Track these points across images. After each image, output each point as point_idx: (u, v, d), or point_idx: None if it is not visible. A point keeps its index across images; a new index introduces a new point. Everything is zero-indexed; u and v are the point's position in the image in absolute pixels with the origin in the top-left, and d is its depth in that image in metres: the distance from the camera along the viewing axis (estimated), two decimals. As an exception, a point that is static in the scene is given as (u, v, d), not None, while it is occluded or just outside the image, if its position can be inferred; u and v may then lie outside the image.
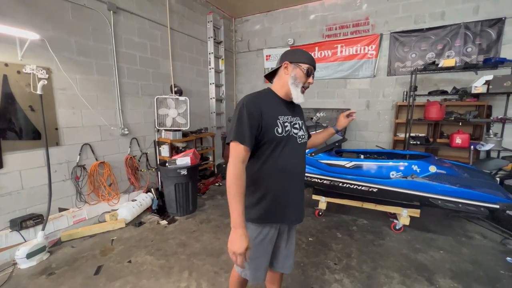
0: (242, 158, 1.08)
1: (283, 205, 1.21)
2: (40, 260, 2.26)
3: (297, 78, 1.18)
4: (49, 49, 2.47)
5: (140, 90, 3.51)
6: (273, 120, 1.14)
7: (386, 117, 4.36)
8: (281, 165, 1.17)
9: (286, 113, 1.21)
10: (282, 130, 1.15)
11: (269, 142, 1.13)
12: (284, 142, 1.16)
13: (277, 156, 1.15)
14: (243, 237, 1.02)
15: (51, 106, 2.57)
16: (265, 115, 1.12)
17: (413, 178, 2.45)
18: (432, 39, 3.86)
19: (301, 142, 1.25)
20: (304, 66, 1.18)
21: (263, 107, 1.13)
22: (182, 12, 4.14)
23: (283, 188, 1.20)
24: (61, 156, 2.69)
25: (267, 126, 1.12)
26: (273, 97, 1.23)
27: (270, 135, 1.12)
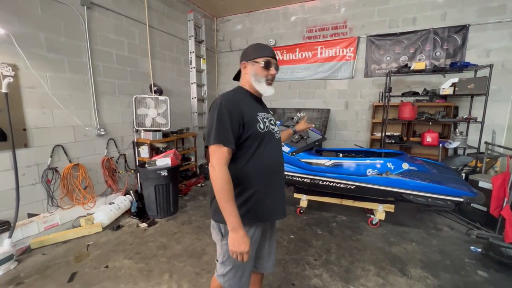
0: (226, 160, 1.05)
1: (270, 202, 1.20)
2: (7, 270, 2.12)
3: (257, 74, 1.17)
4: (15, 44, 2.32)
5: (117, 89, 3.39)
6: (254, 116, 1.14)
7: (363, 117, 4.54)
8: (266, 162, 1.16)
9: (261, 110, 1.22)
10: (264, 126, 1.15)
11: (253, 139, 1.12)
12: (267, 138, 1.16)
13: (262, 153, 1.14)
14: (245, 238, 1.03)
15: (18, 106, 2.41)
16: (245, 112, 1.10)
17: (387, 175, 2.57)
18: (405, 43, 4.08)
19: (278, 137, 1.27)
20: (260, 60, 1.16)
21: (242, 104, 1.12)
22: (161, 9, 4.05)
23: (269, 184, 1.19)
24: (30, 158, 2.54)
25: (250, 123, 1.10)
26: (247, 94, 1.22)
27: (254, 132, 1.11)
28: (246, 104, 1.14)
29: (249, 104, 1.17)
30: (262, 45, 1.22)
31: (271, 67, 1.18)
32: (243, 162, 1.12)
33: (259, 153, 1.14)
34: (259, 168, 1.15)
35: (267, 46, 1.21)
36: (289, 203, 3.57)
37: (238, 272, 1.20)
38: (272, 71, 1.19)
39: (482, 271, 2.12)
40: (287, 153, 3.02)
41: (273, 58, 1.19)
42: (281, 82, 5.06)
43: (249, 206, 1.14)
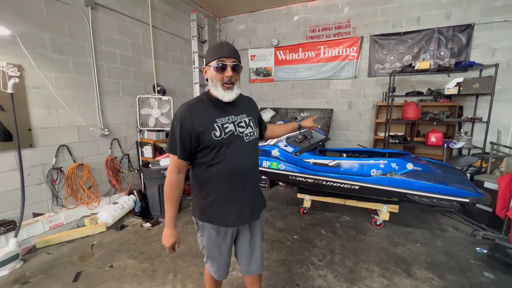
0: (176, 169, 1.15)
1: (235, 207, 1.20)
2: (13, 269, 2.14)
3: (213, 79, 1.12)
4: (20, 45, 2.33)
5: (121, 89, 3.40)
6: (209, 124, 1.10)
7: (367, 117, 4.52)
8: (227, 167, 1.14)
9: (226, 114, 1.16)
10: (221, 132, 1.11)
11: (209, 147, 1.11)
12: (226, 144, 1.12)
13: (221, 159, 1.13)
14: (170, 236, 1.19)
15: (23, 106, 2.43)
16: (197, 123, 1.08)
17: (392, 175, 2.56)
18: (409, 42, 4.05)
19: (249, 139, 1.20)
20: (212, 64, 1.09)
21: (195, 115, 1.10)
22: (164, 10, 4.05)
23: (233, 189, 1.18)
24: (36, 158, 2.55)
25: (203, 132, 1.09)
26: (208, 101, 1.17)
27: (208, 140, 1.09)
28: (201, 113, 1.12)
29: (207, 112, 1.13)
30: (217, 46, 1.13)
31: (226, 68, 1.09)
32: (202, 168, 1.17)
33: (218, 159, 1.13)
34: (219, 174, 1.15)
35: (222, 46, 1.11)
36: (293, 203, 3.57)
37: (214, 263, 1.31)
38: (227, 72, 1.09)
39: (488, 273, 2.10)
40: (290, 153, 3.01)
41: (228, 57, 1.09)
42: (284, 82, 5.06)
43: (214, 209, 1.20)
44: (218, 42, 1.19)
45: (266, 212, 3.28)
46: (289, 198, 3.82)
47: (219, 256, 1.28)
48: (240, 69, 1.15)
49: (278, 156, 3.06)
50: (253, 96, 5.48)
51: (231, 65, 1.09)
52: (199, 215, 1.24)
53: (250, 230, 1.32)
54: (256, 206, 1.29)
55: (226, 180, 1.16)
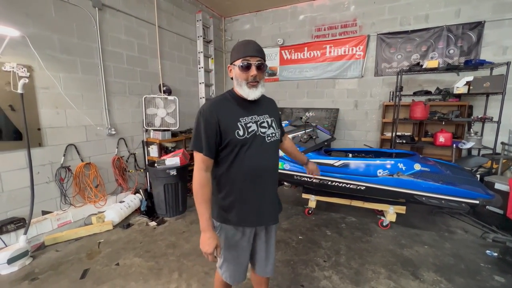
0: (204, 167, 1.12)
1: (255, 208, 1.20)
2: (23, 265, 2.18)
3: (238, 78, 1.12)
4: (30, 46, 2.38)
5: (127, 89, 3.44)
6: (233, 123, 1.11)
7: (373, 117, 4.46)
8: (248, 167, 1.14)
9: (250, 113, 1.17)
10: (244, 132, 1.12)
11: (231, 146, 1.11)
12: (248, 143, 1.13)
13: (242, 159, 1.13)
14: (211, 240, 1.10)
15: (33, 106, 2.48)
16: (223, 120, 1.09)
17: (399, 176, 2.52)
18: (417, 41, 3.98)
19: (270, 140, 1.20)
20: (237, 63, 1.10)
21: (220, 112, 1.10)
22: (170, 10, 4.08)
23: (253, 190, 1.18)
24: (44, 157, 2.60)
25: (227, 131, 1.10)
26: (232, 99, 1.17)
27: (231, 139, 1.10)
28: (226, 111, 1.13)
29: (231, 110, 1.14)
30: (242, 44, 1.13)
31: (251, 67, 1.09)
32: (224, 167, 1.16)
33: (239, 159, 1.13)
34: (240, 174, 1.15)
35: (247, 44, 1.12)
36: (297, 203, 3.55)
37: (230, 266, 1.26)
38: (252, 72, 1.09)
39: (498, 276, 2.04)
40: (296, 153, 2.99)
41: (253, 56, 1.09)
42: (289, 81, 5.03)
43: (233, 210, 1.19)
44: (243, 41, 1.15)
45: (271, 212, 3.26)
46: (294, 198, 3.81)
47: (237, 258, 1.26)
48: (265, 68, 1.15)
49: (283, 156, 3.04)
50: (258, 96, 5.49)
51: (256, 64, 1.09)
52: (216, 215, 1.22)
53: (266, 232, 1.31)
54: (275, 208, 1.29)
55: (246, 180, 1.16)
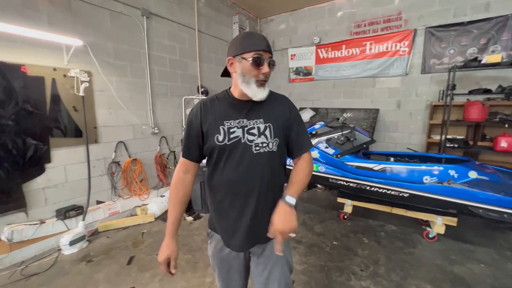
0: (182, 169, 1.06)
1: (223, 225, 1.05)
2: (80, 248, 2.47)
3: (245, 74, 0.94)
4: (90, 54, 2.68)
5: (169, 91, 3.67)
6: (216, 126, 0.98)
7: (419, 118, 4.10)
8: (225, 179, 1.00)
9: (237, 117, 0.99)
10: (225, 137, 0.97)
11: (211, 152, 1.01)
12: (228, 151, 0.97)
13: (221, 168, 1.00)
14: (164, 248, 1.06)
15: (91, 107, 2.79)
16: (206, 122, 0.99)
17: (450, 184, 2.28)
18: (474, 33, 3.55)
19: (258, 151, 0.97)
20: (248, 56, 0.92)
21: (205, 113, 1.01)
22: (209, 14, 4.25)
23: (226, 205, 1.02)
24: (99, 152, 2.91)
25: (208, 134, 0.99)
26: (224, 99, 1.04)
27: (210, 143, 0.99)
28: (213, 112, 1.01)
29: (218, 111, 1.01)
30: (252, 35, 0.96)
31: (263, 63, 0.93)
32: (208, 171, 1.07)
33: (219, 168, 1.01)
34: (218, 184, 1.03)
35: (259, 37, 0.96)
36: (332, 207, 3.44)
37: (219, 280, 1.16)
38: (265, 69, 0.94)
39: None
40: (331, 155, 2.90)
41: (266, 51, 0.93)
42: (325, 81, 4.88)
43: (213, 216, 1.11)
44: (249, 32, 1.02)
45: (304, 215, 3.21)
46: (328, 202, 3.68)
47: (226, 277, 1.13)
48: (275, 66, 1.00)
49: (318, 158, 2.96)
50: (292, 96, 5.38)
51: (269, 61, 0.95)
52: (209, 222, 1.15)
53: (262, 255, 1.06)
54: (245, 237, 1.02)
55: (224, 194, 1.02)
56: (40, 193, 2.47)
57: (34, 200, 2.42)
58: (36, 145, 2.38)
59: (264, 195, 1.00)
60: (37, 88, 2.37)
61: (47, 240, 2.45)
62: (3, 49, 2.15)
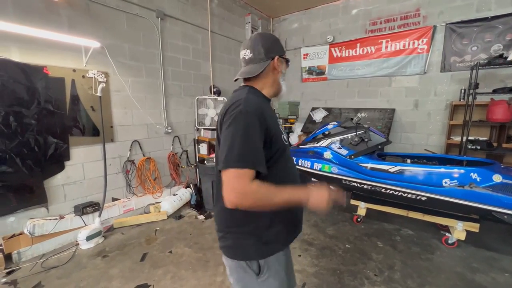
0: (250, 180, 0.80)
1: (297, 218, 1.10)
2: (97, 243, 2.55)
3: (284, 74, 1.06)
4: (107, 55, 2.76)
5: (182, 91, 3.73)
6: (277, 126, 0.95)
7: (437, 118, 3.93)
8: (292, 176, 1.02)
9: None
10: (284, 137, 1.00)
11: (279, 155, 0.93)
12: (287, 149, 1.01)
13: (285, 167, 0.99)
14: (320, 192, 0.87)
15: (107, 106, 2.87)
16: (270, 122, 0.90)
17: (471, 187, 2.16)
18: (500, 28, 3.36)
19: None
20: (285, 57, 1.05)
21: (267, 114, 0.91)
22: (222, 15, 4.28)
23: None
24: (115, 151, 3.00)
25: (276, 136, 0.91)
26: (265, 98, 1.02)
27: (279, 145, 0.92)
28: (268, 112, 0.94)
29: (270, 112, 0.98)
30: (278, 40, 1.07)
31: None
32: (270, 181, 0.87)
33: (287, 168, 0.99)
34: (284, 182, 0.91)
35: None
36: (345, 209, 3.36)
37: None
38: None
39: None
40: (345, 156, 2.83)
41: None
42: (339, 80, 4.79)
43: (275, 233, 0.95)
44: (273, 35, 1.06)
45: (316, 217, 3.16)
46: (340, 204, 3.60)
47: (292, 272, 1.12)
48: None
49: (331, 158, 2.90)
50: (304, 96, 5.34)
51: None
52: (260, 252, 0.93)
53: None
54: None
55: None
56: (60, 190, 2.57)
57: (54, 196, 2.53)
58: (57, 143, 2.49)
59: None
60: (58, 89, 2.47)
61: (66, 235, 2.55)
62: (27, 51, 2.26)
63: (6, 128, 2.16)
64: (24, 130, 2.26)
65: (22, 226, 2.32)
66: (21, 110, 2.24)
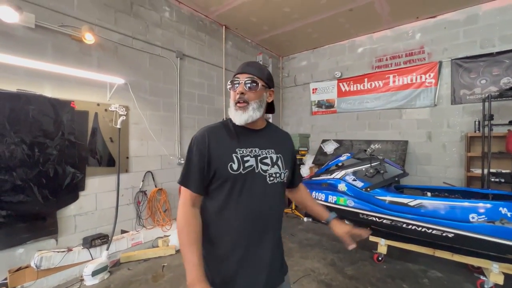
0: (190, 203, 0.93)
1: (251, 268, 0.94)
2: (102, 279, 2.43)
3: (231, 100, 1.01)
4: (130, 91, 2.96)
5: (196, 123, 3.86)
6: (227, 153, 0.93)
7: (454, 150, 3.84)
8: (242, 212, 0.92)
9: (250, 145, 0.97)
10: (240, 166, 0.92)
11: (222, 183, 0.92)
12: (242, 181, 0.92)
13: (236, 201, 0.92)
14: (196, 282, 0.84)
15: (125, 138, 2.98)
16: (215, 149, 0.93)
17: (503, 223, 2.00)
18: (506, 62, 3.43)
19: (272, 182, 0.98)
20: (229, 84, 1.00)
21: (213, 140, 0.94)
22: (235, 54, 4.61)
23: (247, 243, 0.94)
24: (128, 182, 3.02)
25: (218, 161, 0.92)
26: (231, 127, 1.00)
27: (223, 173, 0.91)
28: (221, 139, 0.96)
29: (226, 139, 0.96)
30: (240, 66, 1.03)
31: (236, 84, 0.96)
32: (215, 209, 0.94)
33: (232, 200, 0.92)
34: (230, 218, 0.92)
35: (242, 64, 1.02)
36: (363, 246, 3.14)
37: None
38: (239, 88, 0.95)
39: None
40: (360, 188, 2.74)
41: (242, 73, 0.97)
42: (348, 113, 4.87)
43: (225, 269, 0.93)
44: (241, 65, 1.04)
45: (332, 254, 2.95)
46: (358, 240, 3.37)
47: None
48: (258, 88, 0.96)
49: (346, 191, 2.81)
50: (314, 128, 5.39)
51: (244, 81, 0.95)
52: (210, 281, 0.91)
53: None
54: (276, 268, 1.01)
55: (240, 229, 0.93)
56: (71, 220, 2.55)
57: (65, 227, 2.50)
58: (74, 173, 2.54)
59: (278, 225, 1.04)
60: (81, 121, 2.62)
61: (72, 269, 2.45)
62: (59, 87, 2.45)
63: (29, 158, 2.25)
64: (45, 160, 2.35)
65: (30, 258, 2.26)
66: (45, 141, 2.35)
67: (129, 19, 3.02)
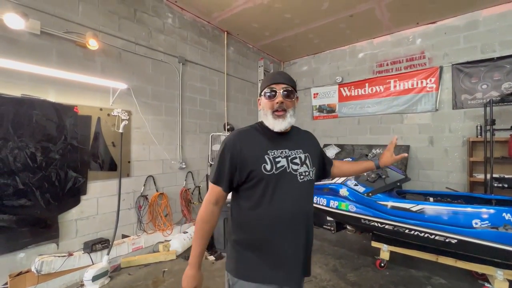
0: (213, 199, 1.03)
1: (284, 260, 1.00)
2: (102, 284, 2.42)
3: (264, 108, 1.07)
4: (132, 95, 2.99)
5: (198, 128, 3.88)
6: (260, 155, 1.00)
7: (456, 155, 3.82)
8: (278, 210, 0.99)
9: (280, 147, 1.05)
10: (272, 166, 0.99)
11: (255, 181, 0.99)
12: (275, 180, 0.99)
13: (270, 199, 0.98)
14: (191, 278, 1.02)
15: (127, 142, 3.00)
16: (248, 151, 1.00)
17: (507, 229, 1.98)
18: (507, 67, 3.44)
19: (303, 180, 1.05)
20: (264, 92, 1.06)
21: (246, 143, 1.02)
22: (237, 60, 4.65)
23: (279, 238, 1.00)
24: (130, 186, 3.03)
25: (253, 162, 0.99)
26: (261, 131, 1.09)
27: (256, 173, 0.98)
28: (252, 142, 1.04)
29: (258, 141, 1.05)
30: (269, 75, 1.12)
31: (276, 94, 1.03)
32: (245, 208, 1.03)
33: (266, 199, 0.98)
34: (264, 217, 0.99)
35: (275, 73, 1.10)
36: (366, 252, 3.11)
37: None
38: (278, 99, 1.02)
39: None
40: (362, 193, 2.72)
41: (279, 83, 1.04)
42: (349, 118, 4.87)
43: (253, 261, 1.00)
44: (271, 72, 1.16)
45: (334, 260, 2.92)
46: (360, 246, 3.35)
47: None
48: (293, 96, 1.06)
49: (347, 196, 2.80)
50: (316, 133, 5.39)
51: (282, 91, 1.03)
52: (233, 268, 1.04)
53: None
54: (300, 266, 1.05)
55: (272, 226, 1.00)
56: (73, 225, 2.55)
57: (66, 231, 2.50)
58: (76, 178, 2.55)
59: (310, 222, 1.09)
60: (84, 126, 2.64)
61: (72, 274, 2.44)
62: (62, 92, 2.48)
63: (32, 162, 2.27)
64: (48, 165, 2.36)
65: (30, 263, 2.26)
66: (48, 146, 2.37)
67: (133, 26, 3.07)
